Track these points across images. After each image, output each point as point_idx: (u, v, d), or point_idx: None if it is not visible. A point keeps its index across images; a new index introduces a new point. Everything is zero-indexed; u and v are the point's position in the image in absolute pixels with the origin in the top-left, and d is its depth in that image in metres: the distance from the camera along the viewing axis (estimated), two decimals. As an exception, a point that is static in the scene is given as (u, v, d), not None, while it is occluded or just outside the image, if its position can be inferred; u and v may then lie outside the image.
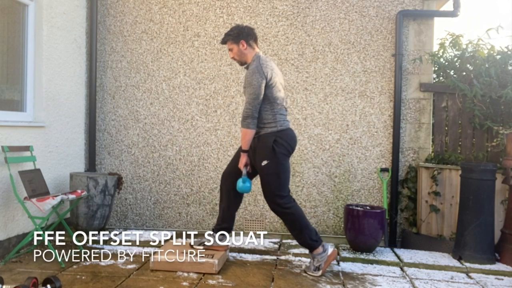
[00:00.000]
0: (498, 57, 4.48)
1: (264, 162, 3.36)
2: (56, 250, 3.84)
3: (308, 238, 3.43)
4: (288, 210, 3.39)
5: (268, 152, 3.35)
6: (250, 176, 3.52)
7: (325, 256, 3.46)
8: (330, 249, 3.51)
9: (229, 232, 3.68)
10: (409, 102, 4.67)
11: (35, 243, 3.97)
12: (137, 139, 4.93)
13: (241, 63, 3.52)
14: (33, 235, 3.70)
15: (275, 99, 3.38)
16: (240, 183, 3.43)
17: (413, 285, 3.37)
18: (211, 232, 3.70)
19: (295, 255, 4.02)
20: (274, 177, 3.37)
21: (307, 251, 3.65)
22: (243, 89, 3.49)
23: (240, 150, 3.48)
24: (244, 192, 3.47)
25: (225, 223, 3.66)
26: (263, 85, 3.30)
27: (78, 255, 3.80)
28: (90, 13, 4.87)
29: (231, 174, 3.59)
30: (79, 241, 4.13)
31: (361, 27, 4.70)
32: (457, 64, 4.66)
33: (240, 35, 3.44)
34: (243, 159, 3.44)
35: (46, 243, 3.65)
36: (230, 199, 3.62)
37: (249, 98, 3.32)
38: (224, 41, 3.52)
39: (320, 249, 3.46)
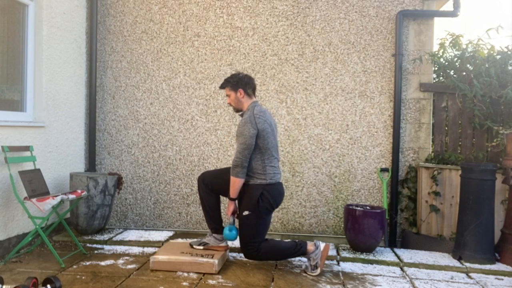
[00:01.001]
0: (498, 57, 4.49)
1: (246, 213, 3.42)
2: (56, 250, 3.85)
3: (292, 254, 3.52)
4: (257, 255, 3.47)
5: (252, 204, 3.40)
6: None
7: (318, 253, 3.50)
8: (322, 245, 3.56)
9: (221, 229, 3.72)
10: (409, 102, 4.67)
11: (35, 243, 3.98)
12: (137, 139, 4.93)
13: (237, 110, 3.58)
14: (33, 235, 3.70)
15: (266, 150, 3.42)
16: (226, 231, 3.49)
17: (413, 285, 3.37)
18: (211, 232, 3.71)
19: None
20: (251, 229, 3.43)
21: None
22: (235, 137, 3.54)
23: (228, 198, 3.51)
24: (231, 240, 3.52)
25: (220, 222, 3.71)
26: (254, 136, 3.35)
27: (78, 255, 3.81)
28: (90, 13, 4.87)
29: (218, 177, 3.60)
30: (79, 241, 4.14)
31: (361, 27, 4.70)
32: (457, 64, 4.67)
33: (239, 84, 3.50)
34: (231, 207, 3.50)
35: (46, 243, 3.65)
36: (213, 199, 3.66)
37: (239, 147, 3.36)
38: (222, 87, 3.58)
39: (311, 248, 3.49)
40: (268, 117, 3.49)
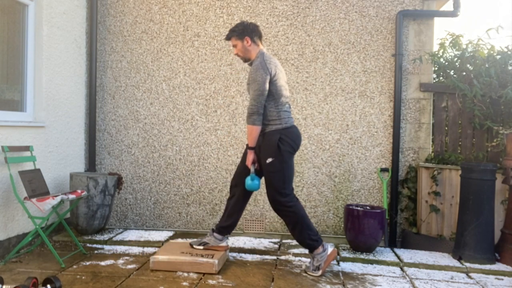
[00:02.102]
0: (498, 57, 4.48)
1: (269, 160, 3.35)
2: (56, 250, 3.85)
3: (308, 238, 3.43)
4: (290, 209, 3.38)
5: (273, 150, 3.34)
6: (259, 174, 3.52)
7: (325, 256, 3.47)
8: (330, 249, 3.52)
9: (230, 231, 3.68)
10: (409, 102, 4.67)
11: (35, 243, 3.98)
12: (137, 139, 4.93)
13: (245, 60, 3.52)
14: (33, 235, 3.70)
15: (279, 96, 3.38)
16: (248, 180, 3.42)
17: (413, 285, 3.37)
18: (212, 232, 3.71)
19: (295, 255, 4.03)
20: (278, 175, 3.36)
21: (307, 251, 3.66)
22: (246, 85, 3.49)
23: (247, 148, 3.47)
24: (253, 189, 3.45)
25: (229, 220, 3.64)
26: (268, 81, 3.30)
27: (78, 255, 3.81)
28: (90, 13, 4.87)
29: (242, 174, 3.58)
30: (79, 241, 4.14)
31: (361, 27, 4.70)
32: (457, 64, 4.67)
33: (245, 32, 3.44)
34: (250, 157, 3.43)
35: (46, 243, 3.65)
36: (239, 196, 3.61)
37: (253, 94, 3.30)
38: (228, 37, 3.51)
39: (320, 249, 3.46)
40: (278, 64, 3.45)
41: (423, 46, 4.68)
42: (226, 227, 3.66)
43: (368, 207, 4.26)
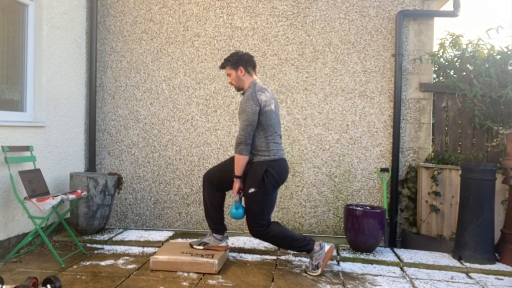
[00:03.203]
0: (498, 57, 4.49)
1: (251, 190, 3.40)
2: (56, 250, 3.85)
3: (296, 247, 3.50)
4: (267, 235, 3.45)
5: (257, 181, 3.38)
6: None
7: (322, 254, 3.49)
8: (327, 246, 3.54)
9: (224, 227, 3.72)
10: (409, 102, 4.67)
11: (35, 243, 3.98)
12: (137, 139, 4.93)
13: (238, 89, 3.57)
14: (33, 235, 3.70)
15: (269, 126, 3.41)
16: (233, 209, 3.47)
17: (413, 285, 3.37)
18: (211, 232, 3.71)
19: (295, 255, 4.03)
20: (258, 206, 3.41)
21: (307, 251, 3.66)
22: (238, 115, 3.52)
23: (233, 176, 3.49)
24: (237, 218, 3.50)
25: (220, 213, 3.68)
26: (257, 112, 3.34)
27: (78, 255, 3.81)
28: (90, 13, 4.87)
29: (216, 177, 3.60)
30: (79, 241, 4.14)
31: (361, 27, 4.70)
32: (457, 64, 4.67)
33: (239, 62, 3.48)
34: (236, 185, 3.48)
35: (46, 243, 3.66)
36: (215, 197, 3.64)
37: (242, 124, 3.36)
38: (223, 66, 3.57)
39: (316, 247, 3.49)
40: (270, 93, 3.48)
41: (423, 46, 4.68)
42: (220, 228, 3.69)
43: (368, 207, 4.26)
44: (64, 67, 4.50)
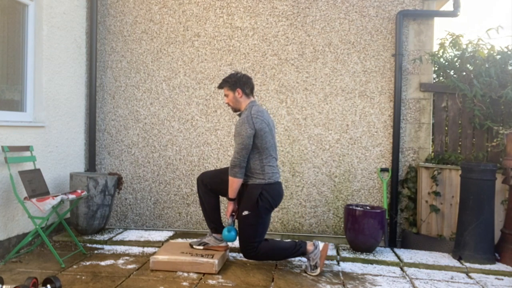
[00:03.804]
0: (498, 57, 4.48)
1: (245, 213, 3.41)
2: (56, 250, 3.85)
3: (290, 255, 3.52)
4: (258, 254, 3.47)
5: (251, 204, 3.40)
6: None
7: (318, 253, 3.50)
8: (321, 245, 3.55)
9: (223, 228, 3.71)
10: (409, 102, 4.67)
11: (35, 243, 3.98)
12: (137, 139, 4.93)
13: (235, 110, 3.58)
14: (33, 235, 3.70)
15: (264, 150, 3.42)
16: (225, 232, 3.48)
17: (413, 285, 3.37)
18: (211, 232, 3.71)
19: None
20: (250, 228, 3.42)
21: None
22: (233, 137, 3.54)
23: (227, 199, 3.51)
24: (230, 241, 3.52)
25: (215, 221, 3.70)
26: (252, 135, 3.35)
27: (78, 255, 3.81)
28: (90, 13, 4.87)
29: (210, 182, 3.61)
30: (79, 241, 4.14)
31: (361, 27, 4.70)
32: (457, 64, 4.66)
33: (237, 84, 3.50)
34: (230, 208, 3.51)
35: (46, 243, 3.66)
36: (211, 198, 3.66)
37: (237, 147, 3.37)
38: (221, 87, 3.58)
39: (310, 248, 3.50)
40: (266, 116, 3.49)
41: (423, 46, 4.68)
42: (220, 221, 3.71)
43: (368, 207, 4.26)
44: (64, 67, 4.50)
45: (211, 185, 3.62)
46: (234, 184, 3.41)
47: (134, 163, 4.93)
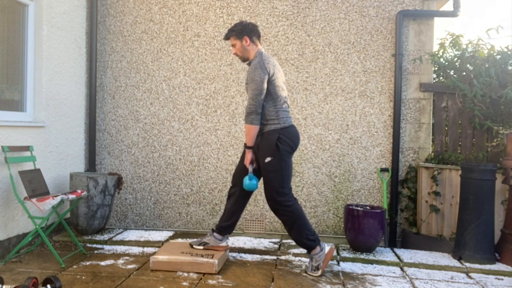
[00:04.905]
0: (498, 57, 4.48)
1: (268, 159, 3.36)
2: (56, 250, 3.85)
3: (305, 238, 3.42)
4: (288, 208, 3.38)
5: (272, 149, 3.35)
6: (257, 173, 3.52)
7: (322, 255, 3.47)
8: (327, 248, 3.52)
9: (230, 231, 3.68)
10: (409, 102, 4.67)
11: (35, 243, 3.98)
12: (137, 139, 4.93)
13: (243, 59, 3.53)
14: (33, 235, 3.70)
15: (277, 96, 3.39)
16: (246, 180, 3.41)
17: (413, 285, 3.37)
18: (212, 232, 3.71)
19: (295, 255, 4.02)
20: (276, 174, 3.36)
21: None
22: (245, 85, 3.49)
23: (245, 147, 3.47)
24: (251, 189, 3.44)
25: (229, 220, 3.64)
26: (266, 80, 3.31)
27: (78, 255, 3.81)
28: (90, 13, 4.87)
29: (241, 174, 3.58)
30: (79, 241, 4.14)
31: (361, 27, 4.70)
32: (457, 64, 4.66)
33: (244, 31, 3.45)
34: (249, 156, 3.44)
35: (46, 243, 3.65)
36: (239, 196, 3.62)
37: (252, 93, 3.31)
38: (227, 37, 3.52)
39: (317, 248, 3.47)
40: (276, 63, 3.46)
41: (423, 46, 4.68)
42: (226, 227, 3.66)
43: (368, 207, 4.26)
44: (64, 67, 4.50)
45: (240, 179, 3.55)
46: (252, 131, 3.35)
47: (134, 163, 4.93)
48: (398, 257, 4.00)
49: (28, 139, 3.97)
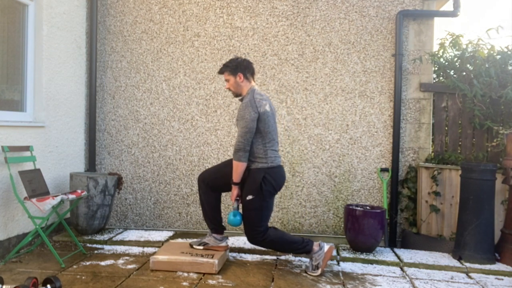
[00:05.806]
0: (498, 57, 4.48)
1: (249, 197, 3.41)
2: (56, 250, 3.85)
3: (295, 250, 3.51)
4: (264, 241, 3.47)
5: (255, 188, 3.39)
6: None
7: (322, 254, 3.49)
8: (326, 246, 3.54)
9: (223, 229, 3.73)
10: (409, 102, 4.67)
11: (35, 243, 3.98)
12: (137, 139, 4.93)
13: (236, 95, 3.58)
14: (33, 235, 3.70)
15: (267, 134, 3.42)
16: (231, 216, 3.48)
17: (413, 285, 3.37)
18: (211, 232, 3.71)
19: (295, 255, 4.02)
20: (256, 213, 3.43)
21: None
22: (236, 121, 3.53)
23: (231, 183, 3.49)
24: (235, 225, 3.51)
25: (214, 222, 3.69)
26: (255, 119, 3.35)
27: (78, 255, 3.81)
28: (90, 13, 4.87)
29: (211, 179, 3.60)
30: (79, 241, 4.14)
31: (361, 27, 4.70)
32: (457, 64, 4.66)
33: (238, 68, 3.49)
34: (235, 192, 3.49)
35: (46, 243, 3.65)
36: (211, 198, 3.64)
37: (241, 131, 3.36)
38: (221, 72, 3.57)
39: (315, 248, 3.49)
40: (268, 100, 3.49)
41: (423, 46, 4.68)
42: (220, 222, 3.70)
43: (368, 207, 4.26)
44: (64, 67, 4.50)
45: (212, 182, 3.61)
46: (239, 168, 3.39)
47: (134, 163, 4.93)
48: (398, 257, 4.00)
49: (28, 139, 3.97)
